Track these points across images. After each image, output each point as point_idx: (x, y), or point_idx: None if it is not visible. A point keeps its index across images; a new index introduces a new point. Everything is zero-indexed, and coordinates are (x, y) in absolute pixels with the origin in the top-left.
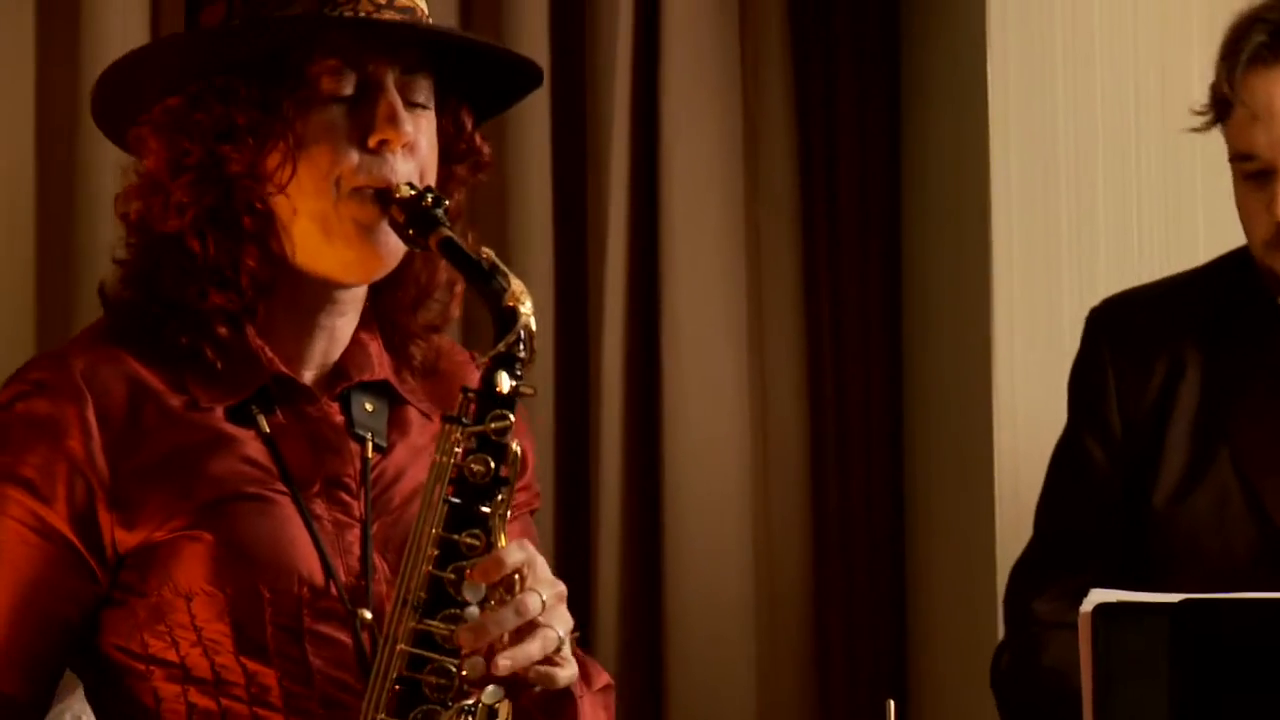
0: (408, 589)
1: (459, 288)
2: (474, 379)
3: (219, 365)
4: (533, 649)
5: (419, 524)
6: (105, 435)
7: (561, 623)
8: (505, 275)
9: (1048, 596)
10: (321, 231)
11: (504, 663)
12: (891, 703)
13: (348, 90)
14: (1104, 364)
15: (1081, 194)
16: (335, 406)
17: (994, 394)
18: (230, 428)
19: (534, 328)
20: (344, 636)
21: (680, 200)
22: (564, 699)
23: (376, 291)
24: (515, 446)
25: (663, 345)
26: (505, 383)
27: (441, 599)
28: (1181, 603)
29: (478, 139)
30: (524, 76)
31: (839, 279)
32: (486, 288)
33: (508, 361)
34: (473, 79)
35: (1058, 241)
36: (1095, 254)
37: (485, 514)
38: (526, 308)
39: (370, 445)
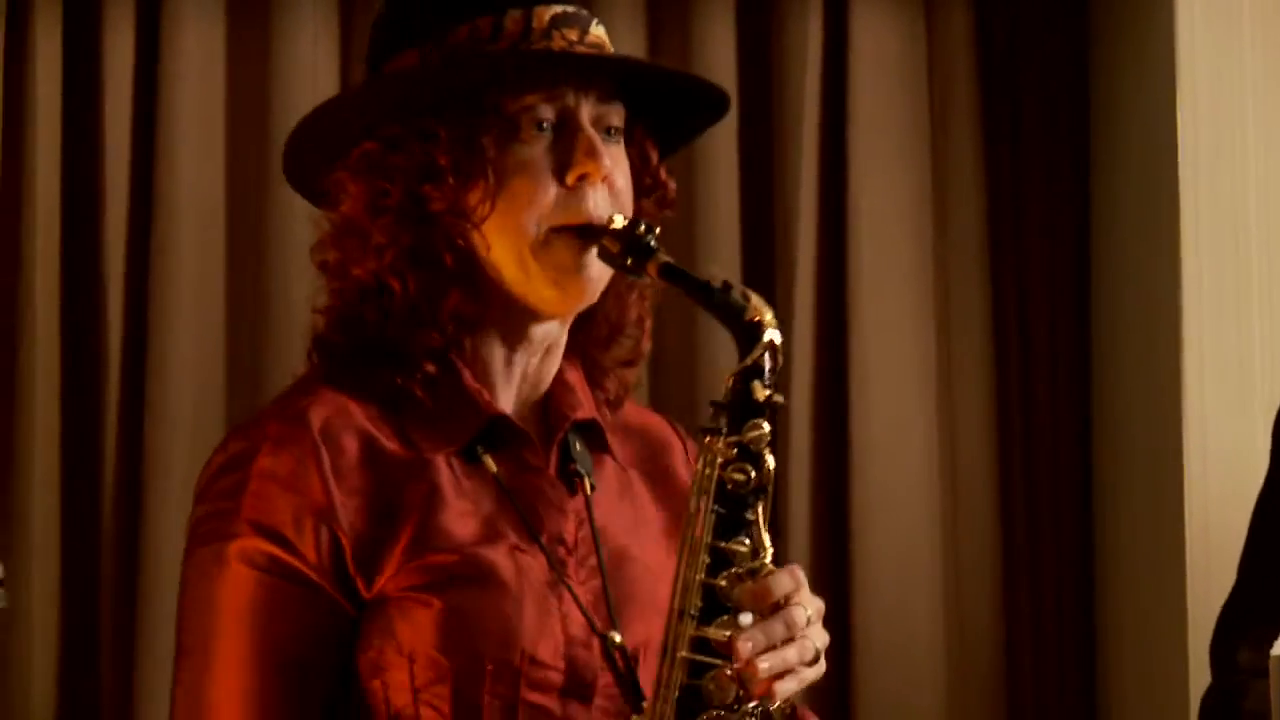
0: (683, 599)
1: (649, 323)
2: (676, 443)
3: (434, 407)
4: (790, 655)
5: (687, 535)
6: (343, 491)
7: (820, 638)
8: (742, 291)
9: (1249, 644)
10: (519, 267)
11: (763, 665)
12: None
13: (546, 125)
14: None
15: (1272, 231)
16: (555, 454)
17: (1184, 433)
18: (461, 479)
19: (779, 340)
20: (553, 705)
21: (869, 244)
22: None
23: (572, 330)
24: (770, 457)
25: (851, 388)
26: (760, 391)
27: (716, 607)
28: None
29: (664, 173)
30: (711, 105)
31: (1027, 322)
32: (723, 306)
33: (758, 373)
34: (660, 110)
35: (1248, 279)
36: None
37: (750, 520)
38: (769, 319)
39: (588, 484)
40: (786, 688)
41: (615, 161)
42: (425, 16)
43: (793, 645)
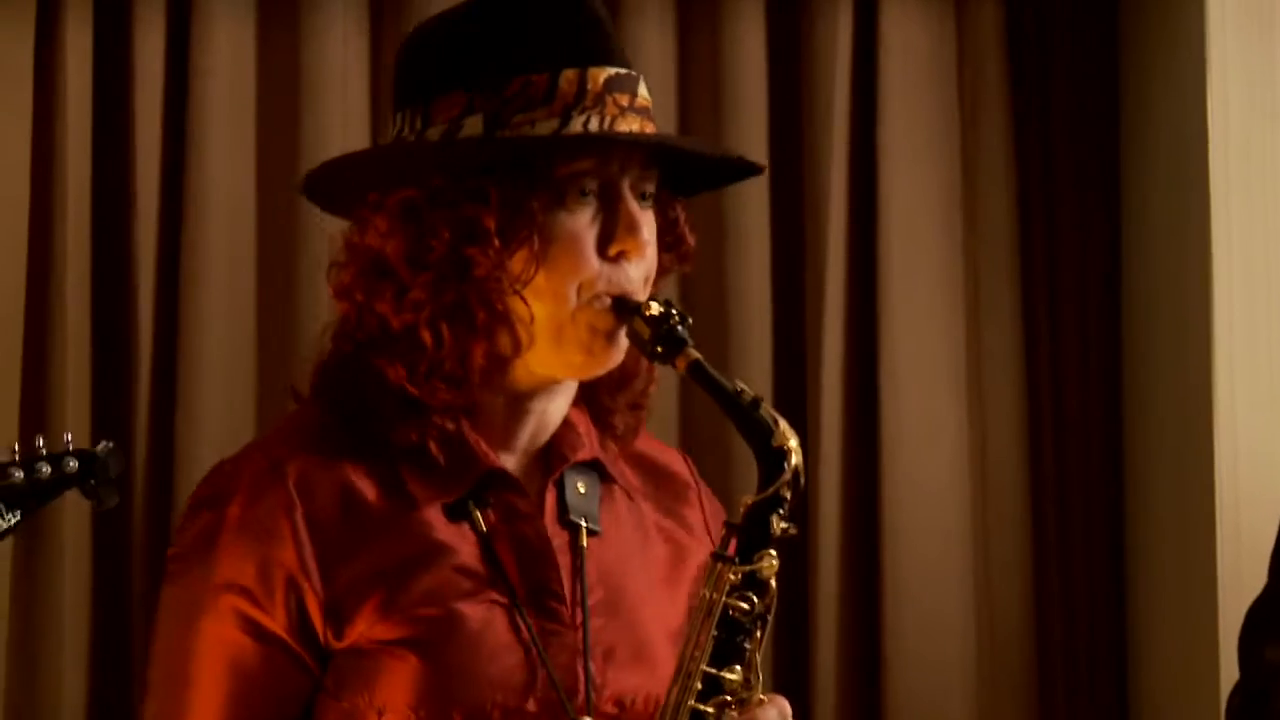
0: (672, 718)
1: (656, 372)
2: (690, 485)
3: (440, 461)
4: None
5: (684, 657)
6: (317, 544)
7: None
8: (771, 415)
9: (1278, 643)
10: (554, 333)
11: None
12: None
13: (590, 193)
14: None
15: None
16: (551, 494)
17: (1214, 427)
18: (444, 532)
19: (803, 469)
20: None
21: (899, 240)
22: None
23: None
24: (773, 585)
25: (881, 383)
26: (777, 525)
27: None
28: None
29: (686, 229)
30: (747, 173)
31: (1058, 317)
32: (751, 424)
33: (778, 505)
34: (693, 172)
35: None
36: None
37: (746, 649)
38: (794, 445)
39: (585, 532)
40: None
41: (649, 228)
42: (479, 60)
43: None
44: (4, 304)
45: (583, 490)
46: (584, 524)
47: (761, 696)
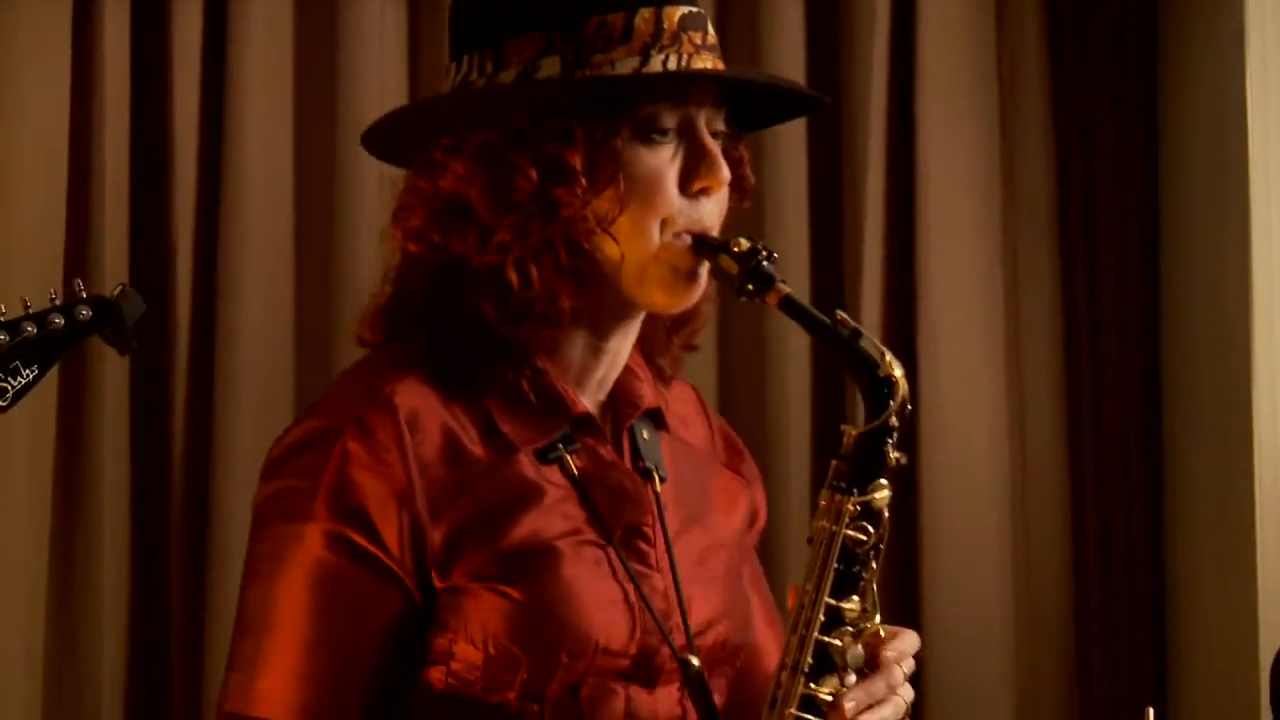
0: (797, 655)
1: (704, 309)
2: (698, 418)
3: (532, 403)
4: (887, 712)
5: (805, 590)
6: (426, 480)
7: (909, 693)
8: (874, 344)
9: None
10: (638, 271)
11: None
12: (1150, 710)
13: (670, 131)
14: None
15: None
16: (625, 441)
17: (1254, 396)
18: (537, 475)
19: (909, 398)
20: (617, 688)
21: (936, 210)
22: None
23: None
24: (886, 514)
25: (919, 352)
26: (892, 454)
27: (826, 664)
28: None
29: (749, 169)
30: (809, 106)
31: (1097, 288)
32: (854, 355)
33: (889, 434)
34: (756, 106)
35: None
36: None
37: (864, 579)
38: (900, 374)
39: (658, 480)
40: None
41: (724, 163)
42: (553, 1)
43: (889, 703)
44: (43, 276)
45: (647, 437)
46: (656, 471)
47: (882, 627)
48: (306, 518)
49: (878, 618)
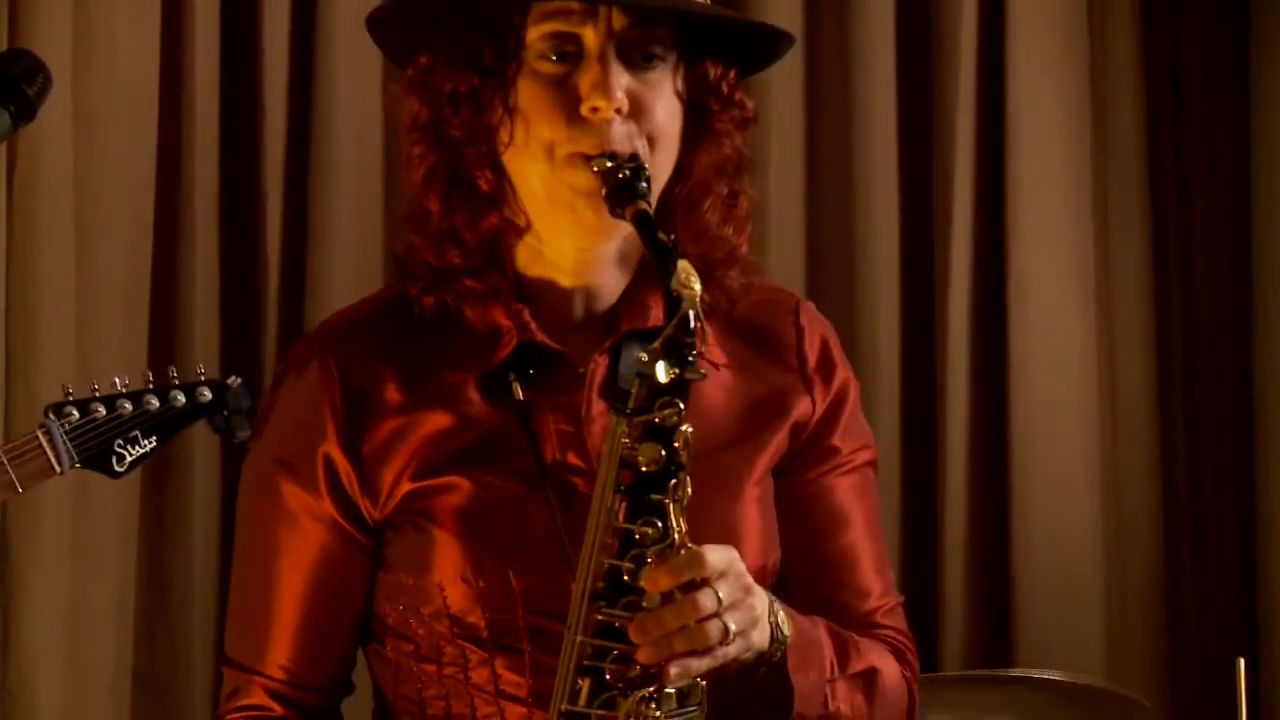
0: (586, 579)
1: (743, 229)
2: (787, 331)
3: (474, 329)
4: (694, 638)
5: (594, 514)
6: (350, 419)
7: (735, 619)
8: (682, 266)
9: None
10: (545, 196)
11: (652, 649)
12: (1241, 661)
13: (567, 53)
14: None
15: None
16: (603, 364)
17: None
18: (480, 404)
19: (698, 315)
20: (553, 629)
21: (1027, 154)
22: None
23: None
24: (686, 429)
25: (1010, 297)
26: (667, 372)
27: (620, 588)
28: None
29: (731, 90)
30: (772, 38)
31: (1188, 237)
32: (665, 270)
33: (674, 348)
34: (718, 33)
35: None
36: None
37: (660, 502)
38: (689, 293)
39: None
40: (693, 667)
41: (651, 88)
42: None
43: (697, 628)
44: (136, 223)
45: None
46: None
47: (686, 550)
48: (257, 460)
49: (679, 541)
